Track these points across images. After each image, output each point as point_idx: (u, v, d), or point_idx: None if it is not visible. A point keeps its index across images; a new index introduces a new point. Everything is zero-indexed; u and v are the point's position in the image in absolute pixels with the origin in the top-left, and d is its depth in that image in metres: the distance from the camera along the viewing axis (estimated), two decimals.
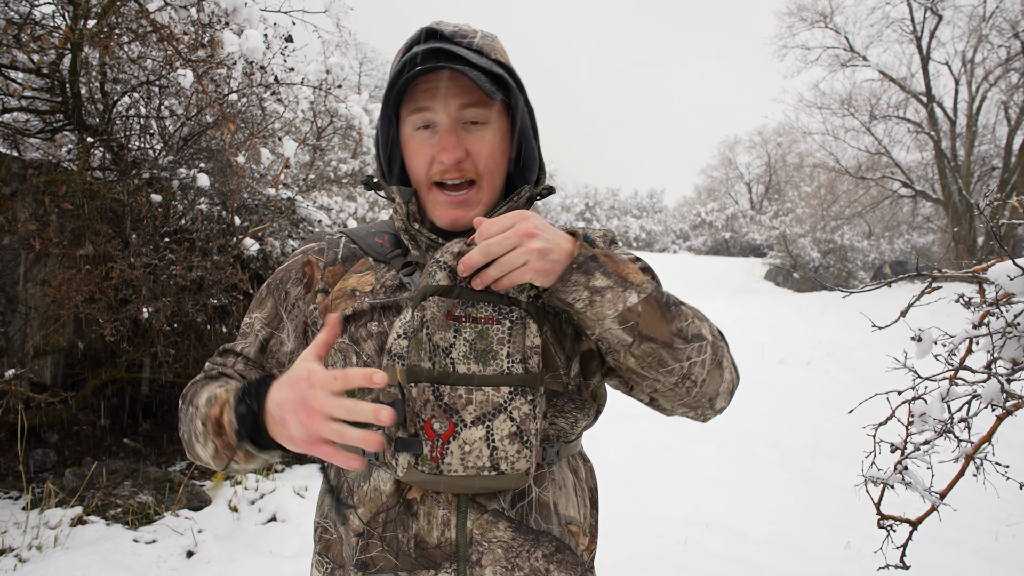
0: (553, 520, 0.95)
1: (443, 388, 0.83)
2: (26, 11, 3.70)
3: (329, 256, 1.04)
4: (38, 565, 2.68)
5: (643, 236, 32.57)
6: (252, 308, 1.07)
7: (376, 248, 1.03)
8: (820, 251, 19.72)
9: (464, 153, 0.94)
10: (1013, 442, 4.40)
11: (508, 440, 0.84)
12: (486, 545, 0.90)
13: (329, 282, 1.01)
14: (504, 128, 0.99)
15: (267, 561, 2.95)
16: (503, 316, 0.86)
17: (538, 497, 0.94)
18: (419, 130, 0.96)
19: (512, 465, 0.84)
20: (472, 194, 0.97)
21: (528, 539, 0.92)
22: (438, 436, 0.83)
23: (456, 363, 0.84)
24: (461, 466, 0.83)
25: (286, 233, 4.98)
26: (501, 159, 0.99)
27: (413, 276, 0.96)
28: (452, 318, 0.85)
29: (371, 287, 0.98)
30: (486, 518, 0.90)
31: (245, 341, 1.04)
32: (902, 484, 1.68)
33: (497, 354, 0.85)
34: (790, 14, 18.94)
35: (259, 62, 4.27)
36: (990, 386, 1.55)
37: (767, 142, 32.26)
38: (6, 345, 3.63)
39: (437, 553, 0.89)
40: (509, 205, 0.99)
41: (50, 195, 3.55)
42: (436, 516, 0.90)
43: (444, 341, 0.84)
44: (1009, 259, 1.40)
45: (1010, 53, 15.68)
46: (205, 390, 0.95)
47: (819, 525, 3.72)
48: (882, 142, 18.56)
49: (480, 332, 0.85)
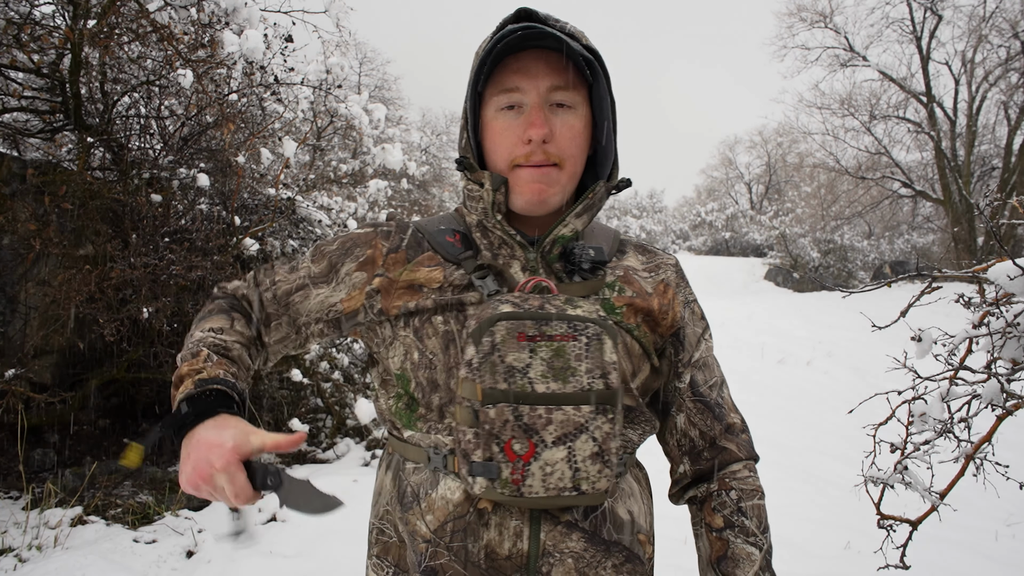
0: (625, 530, 0.94)
1: (523, 408, 0.81)
2: (26, 11, 3.70)
3: (394, 242, 1.00)
4: (38, 565, 2.68)
5: (643, 236, 32.57)
6: (307, 254, 1.05)
7: (446, 247, 0.98)
8: (820, 251, 19.71)
9: (550, 133, 0.91)
10: (1013, 442, 4.39)
11: (590, 460, 0.82)
12: (557, 556, 0.88)
13: (389, 268, 0.98)
14: (587, 117, 0.96)
15: (267, 561, 2.95)
16: (579, 332, 0.85)
17: (611, 507, 0.93)
18: (503, 111, 0.93)
19: (593, 485, 0.83)
20: (554, 172, 0.93)
21: (600, 550, 0.90)
22: (519, 457, 0.81)
23: (535, 382, 0.82)
24: (542, 487, 0.82)
25: (286, 233, 4.97)
26: (583, 146, 0.96)
27: (486, 280, 0.92)
28: (525, 338, 0.83)
29: (438, 284, 0.94)
30: (560, 529, 0.88)
31: (287, 276, 1.03)
32: (902, 484, 1.68)
33: (576, 371, 0.83)
34: (790, 14, 18.93)
35: (259, 62, 4.27)
36: (990, 386, 1.55)
37: (767, 142, 32.26)
38: (6, 345, 3.63)
39: (507, 564, 0.87)
40: (586, 203, 0.96)
41: (50, 195, 3.55)
42: (508, 527, 0.87)
43: (519, 362, 0.82)
44: (1009, 259, 1.40)
45: (1010, 53, 15.68)
46: (207, 322, 1.00)
47: (819, 525, 3.72)
48: (882, 142, 18.55)
49: (557, 350, 0.83)
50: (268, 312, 1.03)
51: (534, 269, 0.96)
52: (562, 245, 0.96)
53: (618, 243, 1.07)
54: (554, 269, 0.97)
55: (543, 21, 0.93)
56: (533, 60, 0.92)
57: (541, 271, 0.96)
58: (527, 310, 0.85)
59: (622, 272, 1.01)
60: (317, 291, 1.01)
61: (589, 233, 1.04)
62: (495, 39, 0.90)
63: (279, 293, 1.02)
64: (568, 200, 0.99)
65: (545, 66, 0.92)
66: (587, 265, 0.96)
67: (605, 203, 1.03)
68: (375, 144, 6.65)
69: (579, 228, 0.97)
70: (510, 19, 0.94)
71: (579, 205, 0.95)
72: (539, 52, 0.91)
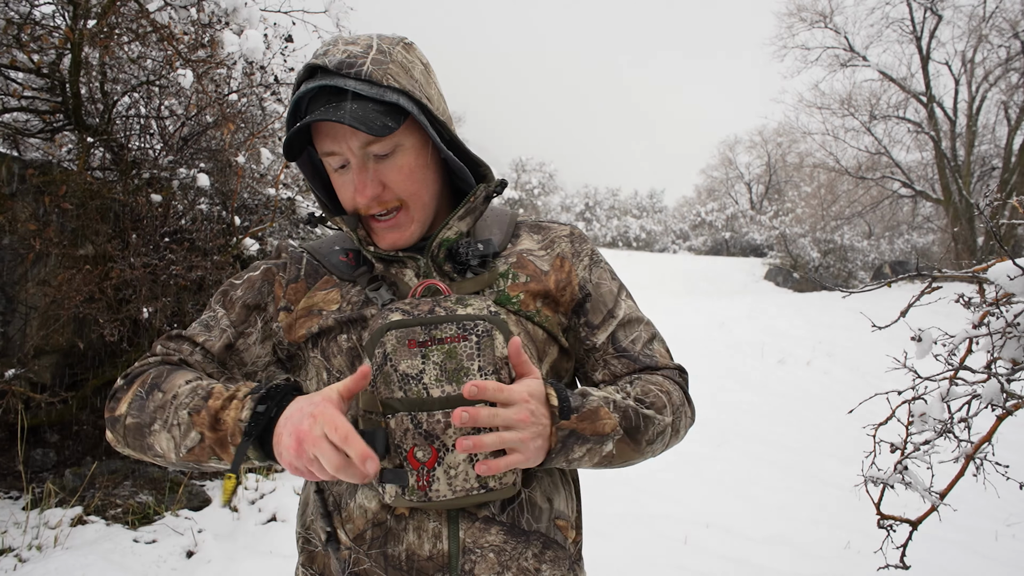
0: (544, 518, 0.95)
1: (420, 415, 0.82)
2: (26, 11, 3.70)
3: (291, 272, 1.03)
4: (38, 565, 2.68)
5: (643, 236, 32.56)
6: (216, 305, 1.03)
7: (340, 267, 1.01)
8: (820, 251, 19.72)
9: (380, 187, 0.93)
10: (1013, 442, 4.40)
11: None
12: (479, 552, 0.89)
13: (292, 299, 1.00)
14: (418, 144, 0.95)
15: (267, 561, 2.95)
16: (468, 332, 0.85)
17: (528, 497, 0.94)
18: (337, 170, 0.95)
19: (500, 480, 0.84)
20: (402, 216, 0.96)
21: (520, 541, 0.91)
22: (422, 464, 0.82)
23: (429, 388, 0.83)
24: (449, 491, 0.83)
25: (286, 233, 4.98)
26: (423, 175, 0.96)
27: (380, 291, 0.95)
28: (416, 344, 0.84)
29: (337, 304, 0.97)
30: (478, 526, 0.90)
31: (208, 334, 1.00)
32: (902, 484, 1.68)
33: (469, 370, 0.84)
34: (790, 14, 18.93)
35: (259, 62, 4.27)
36: (990, 386, 1.55)
37: (767, 142, 32.26)
38: (6, 345, 3.63)
39: (429, 565, 0.88)
40: (468, 207, 0.98)
41: (50, 195, 3.55)
42: (427, 529, 0.89)
43: (412, 368, 0.83)
44: (1009, 259, 1.40)
45: (1010, 53, 15.68)
46: (179, 376, 0.90)
47: (819, 525, 3.72)
48: (882, 142, 18.55)
49: (448, 352, 0.84)
50: (208, 373, 0.99)
51: (427, 273, 0.98)
52: (447, 247, 0.99)
53: (514, 227, 1.08)
54: (445, 270, 0.99)
55: (336, 71, 0.91)
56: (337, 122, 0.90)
57: (433, 274, 0.98)
58: (416, 316, 0.86)
59: (516, 258, 1.02)
60: (249, 339, 1.01)
61: (482, 225, 1.05)
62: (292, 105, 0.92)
63: (216, 350, 0.99)
64: (444, 209, 1.03)
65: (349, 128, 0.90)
66: (475, 261, 0.97)
67: (491, 202, 1.05)
68: None
69: (463, 230, 1.00)
70: (303, 76, 0.94)
71: (460, 209, 0.98)
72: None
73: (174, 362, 0.97)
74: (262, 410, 0.82)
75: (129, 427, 0.90)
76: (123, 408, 0.91)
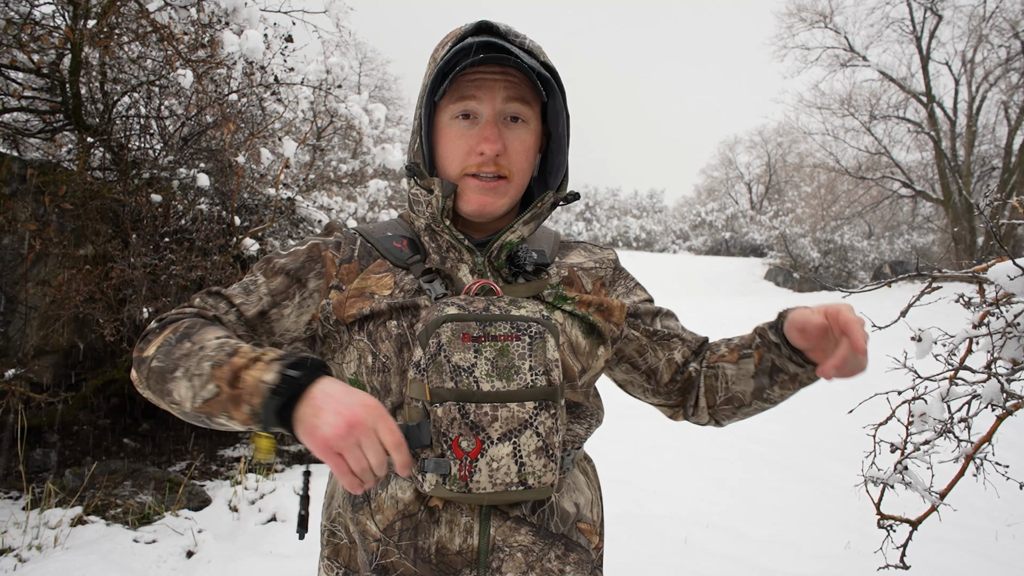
0: (570, 522, 0.96)
1: (468, 406, 0.83)
2: (26, 11, 3.70)
3: (345, 253, 1.01)
4: (38, 565, 2.68)
5: (643, 236, 32.56)
6: (257, 272, 1.01)
7: (395, 253, 1.01)
8: (820, 251, 19.72)
9: (503, 147, 0.95)
10: (1013, 442, 4.39)
11: (535, 455, 0.85)
12: (507, 551, 0.91)
13: (344, 279, 0.99)
14: (538, 131, 1.00)
15: (267, 561, 2.95)
16: (522, 332, 0.87)
17: (557, 502, 0.96)
18: (457, 119, 0.96)
19: (539, 479, 0.86)
20: (502, 185, 0.97)
21: (546, 543, 0.93)
22: (466, 454, 0.83)
23: (480, 381, 0.84)
24: (489, 483, 0.84)
25: (286, 233, 4.98)
26: (532, 160, 1.00)
27: (433, 283, 0.95)
28: (470, 339, 0.86)
29: (389, 289, 0.97)
30: (509, 524, 0.91)
31: (247, 298, 0.98)
32: (902, 484, 1.68)
33: (520, 369, 0.86)
34: (790, 14, 18.94)
35: (259, 62, 4.27)
36: (990, 386, 1.55)
37: (767, 142, 32.26)
38: (6, 345, 3.63)
39: (458, 560, 0.90)
40: (534, 211, 1.00)
41: (50, 195, 3.55)
42: (459, 523, 0.90)
43: (464, 361, 0.85)
44: (1009, 259, 1.40)
45: (1010, 53, 15.68)
46: (211, 331, 0.88)
47: (819, 525, 3.72)
48: (882, 142, 18.56)
49: (501, 349, 0.86)
50: (239, 335, 0.98)
51: (481, 272, 0.99)
52: (508, 250, 1.00)
53: (559, 244, 1.12)
54: (500, 272, 1.00)
55: (503, 36, 0.96)
56: (490, 72, 0.94)
57: (488, 274, 0.99)
58: (472, 312, 0.87)
59: (567, 272, 1.05)
60: (285, 310, 0.99)
61: (532, 237, 1.07)
62: (454, 50, 0.92)
63: (249, 315, 0.98)
64: (515, 208, 1.04)
65: (503, 79, 0.95)
66: (531, 267, 0.99)
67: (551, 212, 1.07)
68: (375, 144, 6.65)
69: (525, 235, 1.01)
70: (470, 31, 0.97)
71: (527, 214, 0.99)
72: (497, 66, 0.94)
73: (208, 317, 0.95)
74: (295, 376, 0.78)
75: (153, 370, 0.88)
76: (151, 351, 0.90)
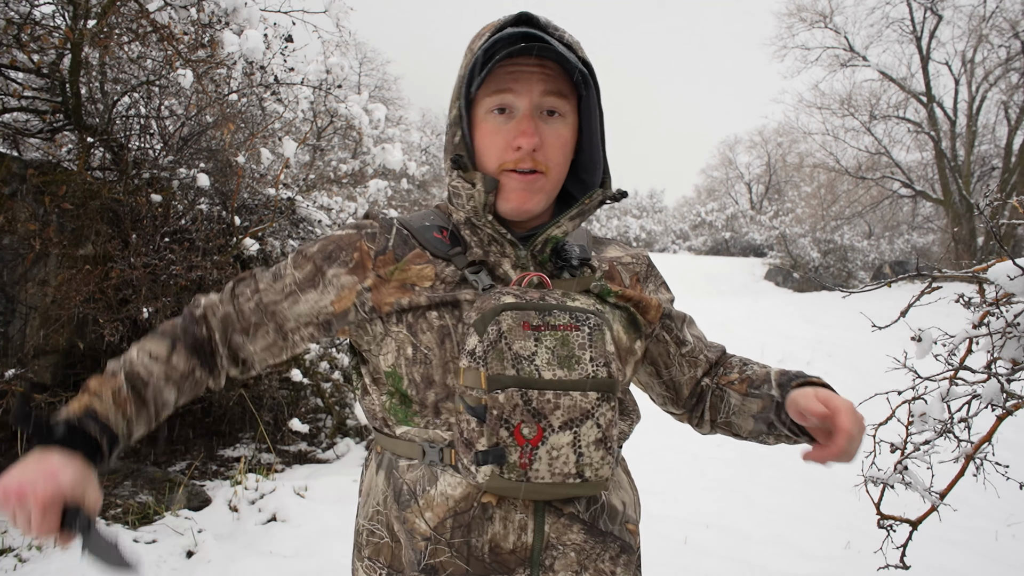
0: (618, 521, 0.96)
1: (531, 392, 0.82)
2: (26, 11, 3.70)
3: (380, 243, 0.99)
4: (38, 565, 2.68)
5: (643, 236, 32.55)
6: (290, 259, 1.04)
7: (435, 243, 0.99)
8: (820, 251, 19.70)
9: (540, 141, 0.93)
10: (1013, 442, 4.39)
11: (594, 447, 0.84)
12: (560, 549, 0.90)
13: (379, 269, 0.97)
14: (575, 126, 0.99)
15: (267, 561, 2.95)
16: (581, 323, 0.87)
17: (607, 500, 0.95)
18: (493, 113, 0.94)
19: (596, 472, 0.84)
20: (539, 181, 0.95)
21: (598, 541, 0.92)
22: (527, 441, 0.82)
23: (541, 369, 0.83)
24: (548, 472, 0.82)
25: (286, 233, 4.97)
26: (567, 155, 0.99)
27: (480, 275, 0.93)
28: (530, 327, 0.85)
29: (430, 281, 0.95)
30: (563, 522, 0.90)
31: (272, 284, 1.02)
32: (902, 484, 1.68)
33: (580, 359, 0.85)
34: (790, 14, 18.94)
35: (259, 62, 4.27)
36: (990, 386, 1.55)
37: (767, 142, 32.26)
38: (6, 345, 3.63)
39: (511, 558, 0.88)
40: (581, 208, 0.98)
41: (50, 195, 3.55)
42: (513, 521, 0.89)
43: (525, 350, 0.84)
44: (1009, 259, 1.40)
45: (1010, 53, 15.68)
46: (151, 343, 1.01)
47: (819, 525, 3.72)
48: (882, 142, 18.56)
49: (561, 339, 0.85)
50: (252, 321, 1.02)
51: (524, 266, 0.97)
52: (553, 244, 0.99)
53: (592, 239, 1.12)
54: (544, 267, 0.99)
55: (543, 28, 0.94)
56: (528, 65, 0.92)
57: (532, 268, 0.97)
58: (529, 301, 0.87)
59: (607, 266, 1.06)
60: (305, 296, 1.00)
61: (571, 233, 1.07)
62: (494, 40, 0.90)
63: (264, 301, 1.01)
64: (551, 204, 1.03)
65: (540, 72, 0.93)
66: (576, 262, 0.98)
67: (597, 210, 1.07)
68: (375, 144, 6.64)
69: (569, 230, 1.00)
70: (510, 21, 0.95)
71: (574, 209, 0.98)
72: (535, 58, 0.92)
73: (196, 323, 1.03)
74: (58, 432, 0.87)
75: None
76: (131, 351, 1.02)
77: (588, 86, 0.95)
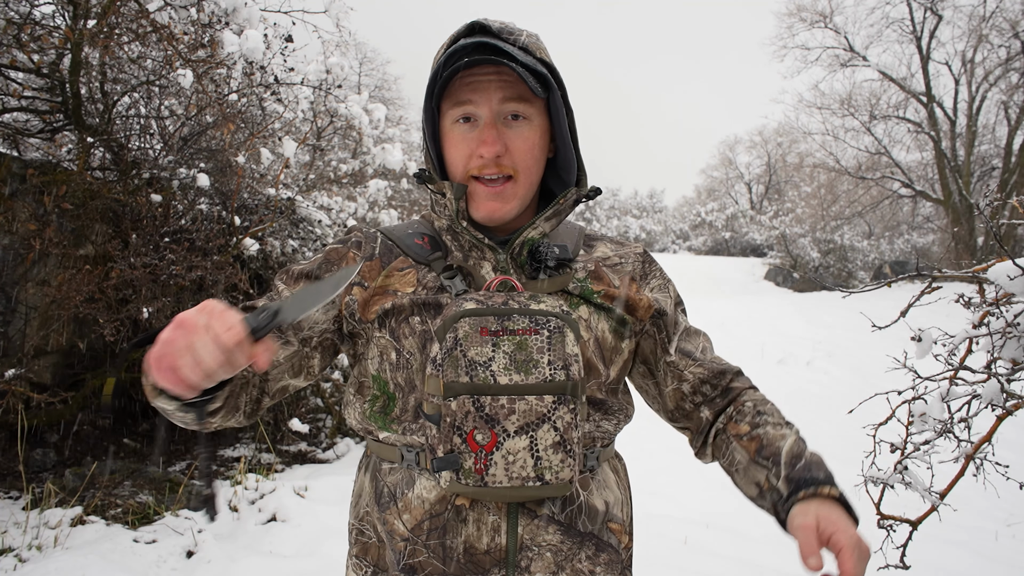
0: (599, 521, 0.96)
1: (483, 399, 0.83)
2: (26, 11, 3.70)
3: (366, 251, 1.03)
4: (38, 565, 2.68)
5: (643, 236, 32.55)
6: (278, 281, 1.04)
7: (416, 250, 1.02)
8: (820, 251, 19.70)
9: (503, 148, 0.94)
10: (1013, 442, 4.39)
11: (552, 450, 0.84)
12: (536, 550, 0.90)
13: (366, 277, 1.00)
14: (543, 127, 0.99)
15: (267, 561, 2.95)
16: (540, 326, 0.87)
17: (586, 500, 0.95)
18: (458, 123, 0.96)
19: (556, 475, 0.85)
20: (508, 187, 0.97)
21: (575, 542, 0.93)
22: (481, 447, 0.83)
23: (497, 375, 0.84)
24: (506, 477, 0.83)
25: (286, 233, 4.97)
26: (539, 156, 0.99)
27: (454, 280, 0.95)
28: (488, 333, 0.86)
29: (412, 287, 0.98)
30: (536, 523, 0.91)
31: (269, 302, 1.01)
32: (902, 484, 1.68)
33: (538, 363, 0.85)
34: (790, 14, 18.94)
35: (259, 62, 4.27)
36: (990, 386, 1.55)
37: (767, 142, 32.28)
38: (6, 345, 3.63)
39: (486, 559, 0.89)
40: (556, 208, 1.00)
41: (50, 195, 3.55)
42: (486, 522, 0.90)
43: (481, 356, 0.85)
44: (1009, 259, 1.40)
45: (1010, 53, 15.68)
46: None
47: None
48: (882, 142, 18.56)
49: (519, 343, 0.86)
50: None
51: (504, 270, 0.99)
52: (530, 246, 1.00)
53: (583, 238, 1.11)
54: (524, 269, 1.00)
55: (497, 35, 0.95)
56: (485, 74, 0.94)
57: (511, 271, 0.99)
58: (489, 306, 0.87)
59: (593, 266, 1.05)
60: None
61: (554, 233, 1.07)
62: (447, 54, 0.92)
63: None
64: (533, 204, 1.04)
65: (497, 79, 0.94)
66: (552, 263, 0.99)
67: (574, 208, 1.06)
68: (375, 144, 6.64)
69: (547, 231, 1.01)
70: (463, 32, 0.97)
71: (549, 210, 0.99)
72: (491, 66, 0.93)
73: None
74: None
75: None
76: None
77: (550, 88, 0.96)
